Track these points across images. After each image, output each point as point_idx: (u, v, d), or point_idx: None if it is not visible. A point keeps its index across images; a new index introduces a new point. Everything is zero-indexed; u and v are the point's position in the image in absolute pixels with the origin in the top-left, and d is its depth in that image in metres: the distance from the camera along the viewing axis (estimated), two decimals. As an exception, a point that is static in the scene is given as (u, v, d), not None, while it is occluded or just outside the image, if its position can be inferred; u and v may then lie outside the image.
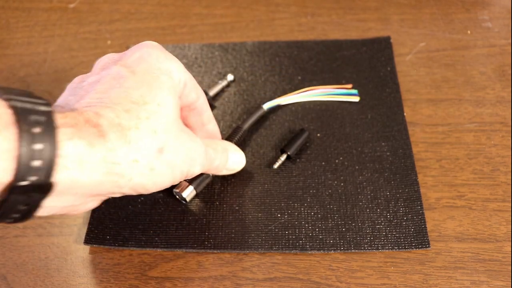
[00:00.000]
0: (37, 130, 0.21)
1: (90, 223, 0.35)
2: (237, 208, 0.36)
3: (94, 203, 0.28)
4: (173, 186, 0.35)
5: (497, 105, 0.41)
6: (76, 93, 0.26)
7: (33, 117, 0.21)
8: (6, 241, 0.35)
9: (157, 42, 0.30)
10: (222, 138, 0.38)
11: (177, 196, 0.36)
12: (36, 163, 0.21)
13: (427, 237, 0.33)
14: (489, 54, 0.44)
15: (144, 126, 0.25)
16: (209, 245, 0.34)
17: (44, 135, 0.21)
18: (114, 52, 0.30)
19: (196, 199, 0.36)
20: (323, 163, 0.38)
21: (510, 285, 0.32)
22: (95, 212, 0.36)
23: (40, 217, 0.36)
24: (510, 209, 0.35)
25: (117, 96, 0.25)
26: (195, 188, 0.35)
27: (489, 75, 0.43)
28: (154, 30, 0.48)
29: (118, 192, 0.26)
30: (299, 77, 0.43)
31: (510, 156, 0.37)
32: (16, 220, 0.23)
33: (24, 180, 0.21)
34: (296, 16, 0.49)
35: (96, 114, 0.24)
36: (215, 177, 0.37)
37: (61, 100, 0.27)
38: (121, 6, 0.51)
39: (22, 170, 0.21)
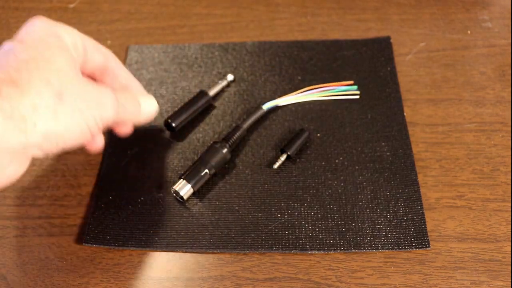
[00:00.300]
0: None
1: (90, 223, 0.35)
2: (237, 208, 0.36)
3: (16, 167, 0.27)
4: (172, 184, 0.35)
5: (497, 105, 0.41)
6: None
7: None
8: (6, 241, 0.35)
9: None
10: (222, 138, 0.38)
11: (175, 195, 0.36)
12: None
13: (427, 237, 0.33)
14: (489, 54, 0.44)
15: (36, 77, 0.26)
16: (209, 245, 0.34)
17: None
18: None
19: (196, 199, 0.36)
20: (323, 163, 0.38)
21: (510, 285, 0.32)
22: (95, 212, 0.36)
23: (40, 217, 0.36)
24: (510, 209, 0.35)
25: (6, 61, 0.26)
26: (192, 186, 0.35)
27: (489, 75, 0.43)
28: (154, 30, 0.48)
29: (31, 144, 0.26)
30: (299, 77, 0.43)
31: (510, 156, 0.37)
32: None
33: None
34: (296, 16, 0.49)
35: None
36: (215, 177, 0.37)
37: None
38: (121, 6, 0.51)
39: None
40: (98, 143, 0.32)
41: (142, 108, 0.34)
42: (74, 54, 0.29)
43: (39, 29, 0.28)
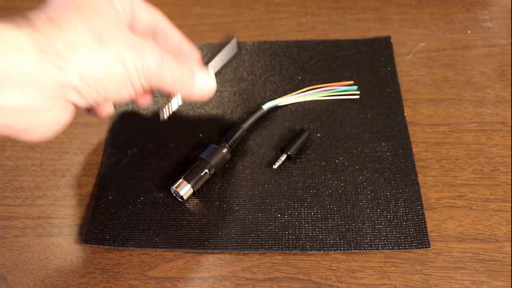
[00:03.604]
0: None
1: (90, 223, 0.35)
2: (237, 208, 0.36)
3: (57, 112, 0.26)
4: (172, 184, 0.35)
5: (497, 105, 0.41)
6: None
7: None
8: (6, 241, 0.35)
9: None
10: (221, 138, 0.38)
11: (175, 194, 0.36)
12: None
13: (427, 237, 0.33)
14: (489, 54, 0.44)
15: (76, 16, 0.25)
16: (209, 245, 0.34)
17: None
18: None
19: (196, 199, 0.36)
20: (323, 163, 0.38)
21: (511, 285, 0.31)
22: (95, 212, 0.36)
23: (40, 217, 0.36)
24: (510, 209, 0.35)
25: (48, 3, 0.26)
26: (192, 186, 0.35)
27: (489, 75, 0.43)
28: (154, 30, 0.48)
29: (67, 83, 0.25)
30: (299, 77, 0.43)
31: (510, 156, 0.37)
32: None
33: None
34: (296, 16, 0.49)
35: (22, 16, 0.24)
36: (215, 177, 0.37)
37: None
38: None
39: None
40: (146, 100, 0.31)
41: (197, 80, 0.31)
42: (120, 10, 0.28)
43: None
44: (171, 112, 0.33)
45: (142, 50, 0.27)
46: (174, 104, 0.33)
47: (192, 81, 0.31)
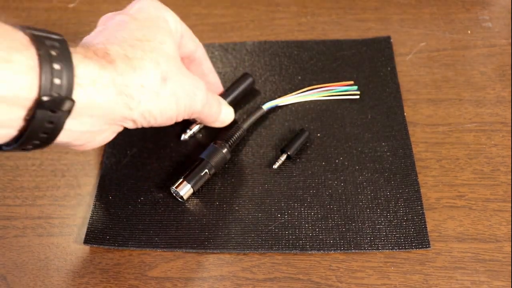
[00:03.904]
0: (53, 52, 0.24)
1: (90, 223, 0.35)
2: (237, 208, 0.36)
3: (109, 134, 0.30)
4: (172, 184, 0.35)
5: (498, 105, 0.41)
6: (83, 43, 0.29)
7: (49, 42, 0.24)
8: (6, 241, 0.35)
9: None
10: (221, 138, 0.38)
11: (175, 194, 0.36)
12: (57, 81, 0.23)
13: (427, 237, 0.33)
14: (489, 54, 0.44)
15: (148, 57, 0.28)
16: (209, 245, 0.34)
17: (60, 57, 0.24)
18: None
19: (196, 199, 0.36)
20: (323, 163, 0.38)
21: (510, 285, 0.32)
22: (95, 212, 0.36)
23: (40, 217, 0.36)
24: (510, 209, 0.35)
25: (122, 36, 0.28)
26: (192, 186, 0.35)
27: (489, 75, 0.43)
28: (154, 30, 0.48)
29: (130, 117, 0.28)
30: (299, 77, 0.43)
31: (510, 156, 0.37)
32: (42, 143, 0.25)
33: (48, 95, 0.23)
34: (296, 16, 0.49)
35: (104, 48, 0.27)
36: (215, 177, 0.37)
37: None
38: (121, 6, 0.51)
39: (45, 87, 0.23)
40: None
41: (222, 113, 0.37)
42: (176, 39, 0.32)
43: (149, 8, 0.31)
44: (191, 134, 0.39)
45: (195, 92, 0.32)
46: (196, 128, 0.39)
47: (219, 113, 0.36)
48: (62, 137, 0.26)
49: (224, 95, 0.40)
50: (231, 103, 0.40)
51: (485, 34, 0.46)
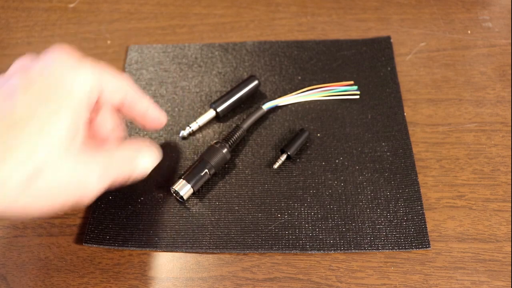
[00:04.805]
0: None
1: (90, 223, 0.35)
2: (237, 208, 0.36)
3: None
4: (172, 184, 0.35)
5: (498, 105, 0.41)
6: None
7: None
8: (6, 241, 0.35)
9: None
10: (221, 138, 0.38)
11: (175, 194, 0.36)
12: None
13: (427, 237, 0.33)
14: (489, 54, 0.44)
15: (24, 142, 0.24)
16: (209, 245, 0.34)
17: None
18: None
19: (196, 199, 0.36)
20: (323, 163, 0.38)
21: (511, 285, 0.32)
22: (95, 212, 0.36)
23: (40, 217, 0.36)
24: (510, 209, 0.35)
25: (5, 109, 0.24)
26: (192, 186, 0.35)
27: (489, 75, 0.43)
28: (154, 30, 0.48)
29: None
30: (299, 77, 0.43)
31: (510, 156, 0.37)
32: None
33: None
34: (296, 16, 0.49)
35: None
36: (215, 177, 0.37)
37: None
38: (121, 6, 0.51)
39: None
40: None
41: (138, 167, 0.31)
42: (83, 107, 0.27)
43: (54, 68, 0.26)
44: (190, 131, 0.39)
45: (85, 181, 0.26)
46: (195, 126, 0.39)
47: (133, 170, 0.30)
48: None
49: (228, 96, 0.40)
50: (235, 105, 0.40)
51: (485, 34, 0.46)
